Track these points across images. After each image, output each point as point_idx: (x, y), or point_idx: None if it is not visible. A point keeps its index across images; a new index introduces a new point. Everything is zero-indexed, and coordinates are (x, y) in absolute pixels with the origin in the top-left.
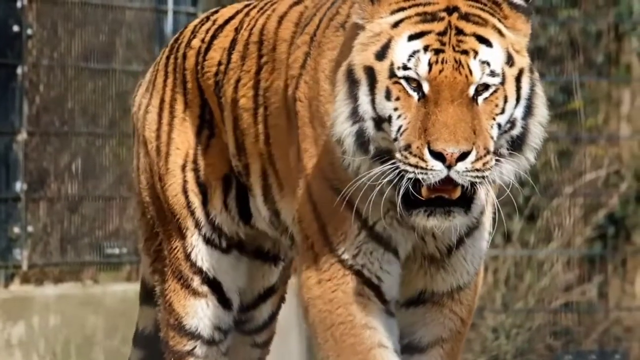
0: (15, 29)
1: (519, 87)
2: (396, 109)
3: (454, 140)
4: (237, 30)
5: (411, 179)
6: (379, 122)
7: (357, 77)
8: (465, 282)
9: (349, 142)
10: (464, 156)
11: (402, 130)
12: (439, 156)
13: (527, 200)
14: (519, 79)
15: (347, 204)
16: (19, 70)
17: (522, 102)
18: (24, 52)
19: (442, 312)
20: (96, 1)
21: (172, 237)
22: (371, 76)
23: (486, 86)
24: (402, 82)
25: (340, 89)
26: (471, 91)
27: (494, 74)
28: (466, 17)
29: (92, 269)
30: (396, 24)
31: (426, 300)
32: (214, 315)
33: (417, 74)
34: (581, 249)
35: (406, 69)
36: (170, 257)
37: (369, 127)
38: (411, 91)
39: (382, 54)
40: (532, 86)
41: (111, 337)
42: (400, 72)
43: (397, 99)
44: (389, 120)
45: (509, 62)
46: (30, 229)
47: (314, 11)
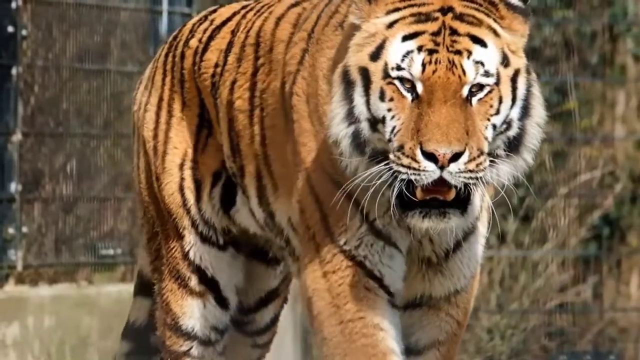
0: (10, 29)
1: (514, 88)
2: (390, 110)
3: (446, 141)
4: (233, 32)
5: (404, 180)
6: (374, 123)
7: (352, 78)
8: (462, 286)
9: (346, 144)
10: (456, 157)
11: (395, 131)
12: (431, 157)
13: (521, 200)
14: (514, 80)
15: (347, 197)
16: (14, 71)
17: (518, 103)
18: (19, 53)
19: (438, 316)
20: (91, 2)
21: (169, 236)
22: (366, 77)
23: (480, 86)
24: (396, 82)
25: (336, 90)
26: (465, 92)
27: (488, 74)
28: (460, 17)
29: (87, 269)
30: (391, 25)
31: (423, 303)
32: (210, 315)
33: (411, 74)
34: (576, 250)
35: (400, 69)
36: (167, 256)
37: (365, 128)
38: (405, 92)
39: (376, 55)
40: (528, 87)
41: (106, 337)
42: (394, 73)
43: (391, 99)
44: (383, 121)
45: (504, 62)
46: (24, 229)
47: (312, 10)
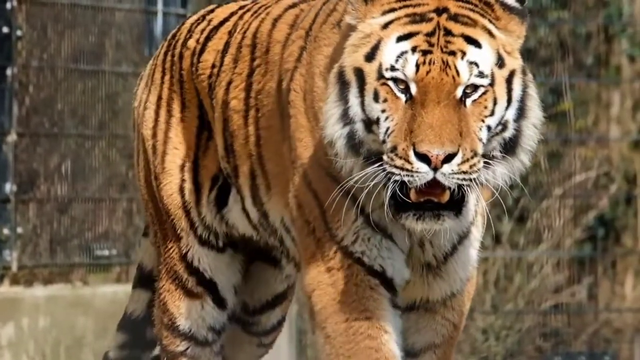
0: (4, 30)
1: (510, 89)
2: (384, 111)
3: (439, 142)
4: (230, 33)
5: (397, 181)
6: (369, 124)
7: (347, 79)
8: (457, 289)
9: (341, 145)
10: (449, 158)
11: (389, 132)
12: (424, 158)
13: (516, 201)
14: (510, 81)
15: (344, 193)
16: (9, 71)
17: (514, 104)
18: (14, 54)
19: (434, 319)
20: (86, 2)
21: (167, 236)
22: (361, 78)
23: (474, 87)
24: (390, 83)
25: (331, 90)
26: (459, 92)
27: (482, 75)
28: (455, 18)
29: (82, 270)
30: (386, 25)
31: (419, 307)
32: (208, 316)
33: (405, 75)
34: (571, 251)
35: (394, 70)
36: (165, 256)
37: (360, 129)
38: (399, 93)
39: (371, 56)
40: (524, 88)
41: (101, 338)
42: (388, 74)
43: (385, 100)
44: (378, 122)
45: (499, 63)
46: (19, 230)
47: (310, 9)
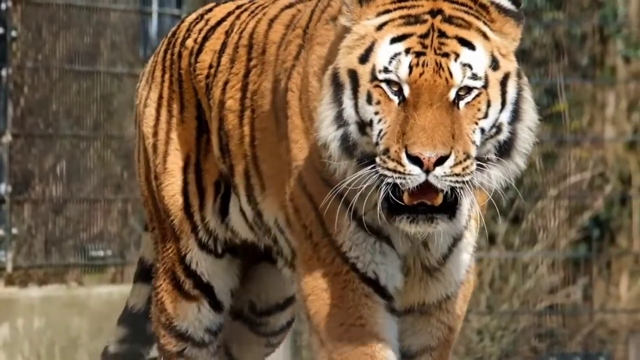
0: None
1: (504, 92)
2: (377, 113)
3: (431, 144)
4: (227, 33)
5: (390, 183)
6: (362, 126)
7: (341, 80)
8: (452, 292)
9: (334, 147)
10: (441, 160)
11: (382, 134)
12: (416, 160)
13: (511, 202)
14: (504, 83)
15: (338, 196)
16: (4, 72)
17: (508, 107)
18: (9, 54)
19: (429, 322)
20: (80, 3)
21: (166, 236)
22: (354, 80)
23: (468, 89)
24: (383, 85)
25: (325, 92)
26: (452, 94)
27: (475, 77)
28: (450, 19)
29: (77, 271)
30: (380, 27)
31: (415, 310)
32: (205, 318)
33: (398, 76)
34: (566, 252)
35: (387, 71)
36: (163, 255)
37: (353, 131)
38: (391, 95)
39: (365, 57)
40: (519, 90)
41: (96, 339)
42: (381, 75)
43: (378, 102)
44: (371, 124)
45: (493, 65)
46: (14, 230)
47: (305, 8)
